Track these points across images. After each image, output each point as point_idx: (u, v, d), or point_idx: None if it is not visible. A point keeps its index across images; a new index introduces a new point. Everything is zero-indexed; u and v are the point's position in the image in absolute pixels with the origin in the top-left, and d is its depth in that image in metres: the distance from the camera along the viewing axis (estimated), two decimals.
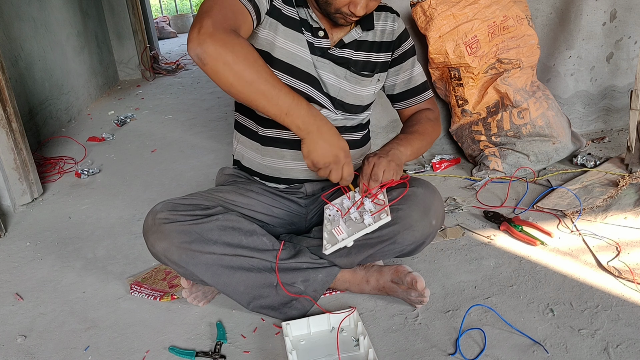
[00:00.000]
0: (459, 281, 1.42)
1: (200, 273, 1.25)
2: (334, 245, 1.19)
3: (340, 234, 1.20)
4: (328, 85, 1.33)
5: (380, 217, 1.19)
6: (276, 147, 1.38)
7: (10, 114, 2.11)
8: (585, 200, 1.73)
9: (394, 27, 1.39)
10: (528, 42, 2.04)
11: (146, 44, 4.97)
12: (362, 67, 1.36)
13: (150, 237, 1.25)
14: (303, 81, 1.30)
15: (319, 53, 1.31)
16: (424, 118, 1.45)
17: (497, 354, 1.15)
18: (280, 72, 1.27)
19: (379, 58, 1.39)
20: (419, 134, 1.39)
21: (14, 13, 2.99)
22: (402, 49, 1.42)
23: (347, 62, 1.34)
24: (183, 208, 1.27)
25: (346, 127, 1.40)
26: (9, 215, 2.11)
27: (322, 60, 1.32)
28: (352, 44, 1.34)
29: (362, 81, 1.36)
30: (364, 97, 1.39)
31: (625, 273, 1.36)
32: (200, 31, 1.02)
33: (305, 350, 1.21)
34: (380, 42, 1.38)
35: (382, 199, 1.23)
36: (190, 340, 1.30)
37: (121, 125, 3.41)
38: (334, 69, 1.33)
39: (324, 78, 1.33)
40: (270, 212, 1.41)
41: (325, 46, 1.31)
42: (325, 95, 1.34)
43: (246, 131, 1.43)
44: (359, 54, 1.35)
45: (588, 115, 2.36)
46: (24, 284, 1.62)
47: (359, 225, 1.21)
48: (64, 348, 1.32)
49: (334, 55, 1.32)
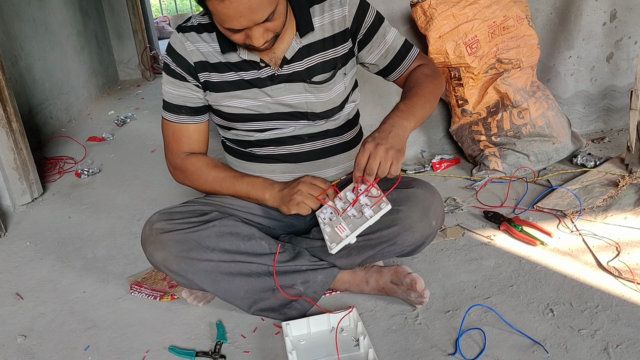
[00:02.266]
0: (459, 281, 1.42)
1: (200, 281, 1.26)
2: (339, 243, 1.17)
3: (344, 231, 1.19)
4: (294, 105, 1.28)
5: (380, 207, 1.16)
6: (265, 162, 1.37)
7: (10, 113, 2.11)
8: (585, 200, 1.73)
9: (344, 12, 1.24)
10: (528, 42, 2.04)
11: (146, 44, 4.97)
12: (319, 70, 1.27)
13: (148, 248, 1.26)
14: (267, 121, 1.30)
15: (269, 83, 1.25)
16: (421, 76, 1.31)
17: (497, 354, 1.15)
18: (243, 123, 1.32)
19: (337, 52, 1.27)
20: (419, 97, 1.24)
21: (14, 13, 2.99)
22: (365, 27, 1.28)
23: (300, 75, 1.26)
24: (180, 216, 1.27)
25: (329, 130, 1.35)
26: (9, 215, 2.11)
27: (276, 87, 1.26)
28: (297, 55, 1.25)
29: (324, 87, 1.28)
30: (335, 99, 1.30)
31: (625, 273, 1.36)
32: (167, 164, 1.39)
33: (305, 350, 1.21)
34: (334, 36, 1.26)
35: (375, 192, 1.21)
36: (190, 340, 1.30)
37: (121, 125, 3.40)
38: (291, 87, 1.26)
39: (286, 101, 1.27)
40: (269, 215, 1.41)
41: (271, 72, 1.25)
42: (294, 118, 1.30)
43: (233, 151, 1.42)
44: (310, 60, 1.26)
45: (588, 115, 2.36)
46: (24, 284, 1.62)
47: (359, 220, 1.20)
48: (64, 348, 1.32)
49: (283, 75, 1.25)
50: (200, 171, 1.34)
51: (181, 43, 1.26)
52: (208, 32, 1.25)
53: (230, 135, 1.38)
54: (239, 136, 1.36)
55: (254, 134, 1.33)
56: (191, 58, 1.26)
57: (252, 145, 1.36)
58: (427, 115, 1.25)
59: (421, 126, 2.31)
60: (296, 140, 1.33)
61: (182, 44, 1.25)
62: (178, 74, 1.27)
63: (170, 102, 1.31)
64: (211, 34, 1.25)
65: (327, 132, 1.35)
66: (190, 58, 1.26)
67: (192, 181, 1.36)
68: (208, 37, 1.25)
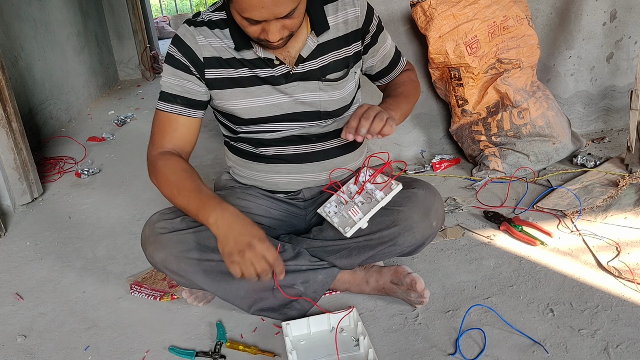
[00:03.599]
0: (459, 281, 1.42)
1: (200, 281, 1.25)
2: (353, 227, 1.20)
3: (357, 214, 1.21)
4: (308, 103, 1.28)
5: (391, 188, 1.19)
6: (271, 163, 1.36)
7: (10, 113, 2.11)
8: (585, 200, 1.73)
9: (357, 13, 1.27)
10: (528, 42, 2.04)
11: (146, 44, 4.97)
12: (333, 68, 1.28)
13: (148, 248, 1.26)
14: (278, 122, 1.29)
15: (283, 81, 1.25)
16: (407, 80, 1.40)
17: (497, 354, 1.15)
18: (253, 126, 1.29)
19: (349, 51, 1.29)
20: (404, 97, 1.33)
21: (14, 13, 2.99)
22: (371, 31, 1.31)
23: (314, 74, 1.26)
24: (180, 217, 1.27)
25: (337, 130, 1.34)
26: (9, 215, 2.11)
27: (290, 85, 1.26)
28: (313, 53, 1.25)
29: (338, 85, 1.29)
30: (346, 97, 1.33)
31: (625, 273, 1.36)
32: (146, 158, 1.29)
33: (305, 350, 1.21)
34: (347, 34, 1.28)
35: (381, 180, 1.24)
36: (190, 340, 1.30)
37: (121, 125, 3.40)
38: (306, 85, 1.27)
39: (301, 99, 1.27)
40: (269, 215, 1.41)
41: (286, 70, 1.24)
42: (307, 119, 1.30)
43: (238, 151, 1.40)
44: (325, 58, 1.27)
45: (588, 115, 2.36)
46: (24, 284, 1.62)
47: (370, 205, 1.22)
48: (64, 348, 1.32)
49: (298, 73, 1.25)
50: (167, 172, 1.21)
51: (192, 36, 1.22)
52: (220, 28, 1.23)
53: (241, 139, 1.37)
54: (248, 134, 1.34)
55: (265, 134, 1.32)
56: (201, 52, 1.23)
57: (261, 144, 1.34)
58: (407, 114, 1.33)
59: (421, 126, 2.31)
60: (304, 140, 1.33)
61: (193, 37, 1.22)
62: (183, 64, 1.23)
63: (167, 92, 1.26)
64: (223, 30, 1.23)
65: (334, 132, 1.35)
66: (200, 52, 1.23)
67: (157, 180, 1.23)
68: (220, 33, 1.23)
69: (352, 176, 1.38)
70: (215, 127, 3.21)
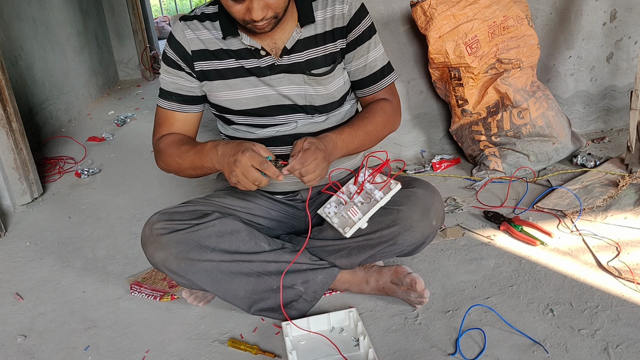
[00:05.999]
0: (459, 281, 1.42)
1: (200, 281, 1.26)
2: (352, 227, 1.21)
3: (357, 214, 1.22)
4: (293, 96, 1.29)
5: (390, 188, 1.21)
6: None
7: (10, 113, 2.11)
8: (585, 200, 1.73)
9: (344, 10, 1.26)
10: (528, 42, 2.04)
11: (146, 44, 4.97)
12: (319, 63, 1.28)
13: (148, 248, 1.26)
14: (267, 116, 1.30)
15: (268, 72, 1.27)
16: (380, 111, 1.32)
17: (497, 354, 1.15)
18: (245, 117, 1.31)
19: (336, 47, 1.29)
20: (365, 133, 1.29)
21: (14, 13, 2.99)
22: (355, 33, 1.29)
23: (299, 67, 1.27)
24: (179, 217, 1.27)
25: (330, 129, 1.33)
26: (9, 215, 2.11)
27: (275, 77, 1.27)
28: (297, 46, 1.26)
29: (323, 80, 1.29)
30: (334, 93, 1.32)
31: (625, 273, 1.36)
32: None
33: (305, 350, 1.21)
34: (332, 30, 1.28)
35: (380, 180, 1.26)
36: (190, 340, 1.30)
37: (121, 125, 3.40)
38: (291, 78, 1.28)
39: (285, 91, 1.28)
40: (269, 215, 1.41)
41: (271, 62, 1.26)
42: (293, 112, 1.31)
43: None
44: (310, 52, 1.27)
45: (588, 115, 2.36)
46: (24, 284, 1.62)
47: (369, 205, 1.23)
48: (64, 348, 1.32)
49: (283, 65, 1.26)
50: (167, 148, 1.31)
51: (181, 31, 1.28)
52: (211, 20, 1.27)
53: (230, 131, 1.38)
54: (239, 132, 1.36)
55: (254, 129, 1.33)
56: (189, 46, 1.28)
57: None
58: (361, 150, 1.33)
59: (421, 126, 2.31)
60: (297, 139, 1.33)
61: (182, 32, 1.28)
62: (173, 61, 1.30)
63: (164, 89, 1.34)
64: (214, 23, 1.27)
65: (327, 130, 1.34)
66: (188, 46, 1.28)
67: (163, 161, 1.33)
68: (210, 25, 1.27)
69: (351, 176, 1.38)
70: (215, 127, 3.21)
